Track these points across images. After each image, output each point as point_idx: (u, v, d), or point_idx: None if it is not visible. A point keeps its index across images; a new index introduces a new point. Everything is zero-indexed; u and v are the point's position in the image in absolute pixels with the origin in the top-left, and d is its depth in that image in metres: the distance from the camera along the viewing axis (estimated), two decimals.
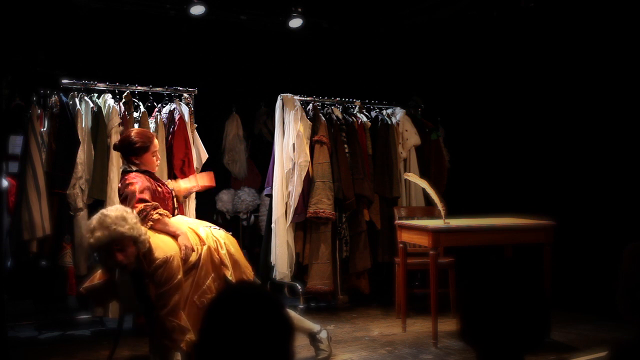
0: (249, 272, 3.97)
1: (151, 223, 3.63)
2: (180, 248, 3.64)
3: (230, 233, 4.14)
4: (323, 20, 6.71)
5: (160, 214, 3.68)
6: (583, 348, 4.43)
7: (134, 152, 3.90)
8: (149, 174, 3.93)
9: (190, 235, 3.78)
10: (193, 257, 3.68)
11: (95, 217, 3.38)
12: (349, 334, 5.00)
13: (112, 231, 3.29)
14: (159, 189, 3.93)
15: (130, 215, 3.40)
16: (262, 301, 1.48)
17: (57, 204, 4.93)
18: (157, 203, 3.74)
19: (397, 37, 6.92)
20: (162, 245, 3.53)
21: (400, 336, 4.90)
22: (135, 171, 3.88)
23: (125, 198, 3.75)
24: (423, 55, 6.89)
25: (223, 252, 3.83)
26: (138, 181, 3.77)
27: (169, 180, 4.48)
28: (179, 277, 3.52)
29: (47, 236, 4.85)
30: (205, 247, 3.76)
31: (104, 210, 3.40)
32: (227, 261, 3.83)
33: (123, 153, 3.99)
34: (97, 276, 3.74)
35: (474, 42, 6.51)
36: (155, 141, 4.03)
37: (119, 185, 3.97)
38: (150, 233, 3.53)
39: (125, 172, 3.92)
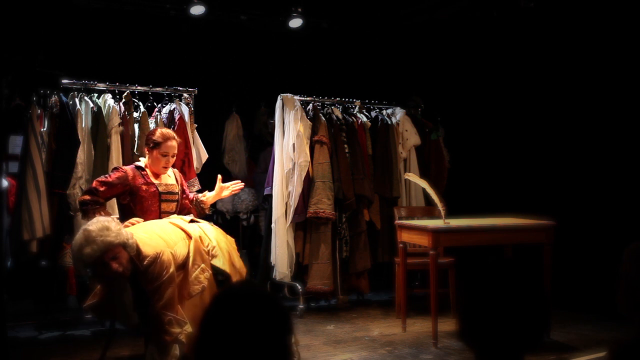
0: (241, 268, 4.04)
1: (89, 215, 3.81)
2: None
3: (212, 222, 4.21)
4: (323, 20, 6.72)
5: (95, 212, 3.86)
6: (583, 348, 4.43)
7: (147, 144, 4.15)
8: (140, 170, 4.06)
9: (176, 232, 3.79)
10: (183, 252, 3.69)
11: (79, 235, 3.38)
12: (349, 334, 5.00)
13: (99, 243, 3.30)
14: (144, 187, 4.00)
15: (112, 223, 3.42)
16: (260, 299, 1.48)
17: (57, 204, 4.94)
18: (97, 206, 3.89)
19: (397, 37, 6.93)
20: (148, 242, 3.54)
21: (400, 336, 4.90)
22: (133, 166, 4.09)
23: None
24: (423, 55, 6.89)
25: (213, 244, 3.88)
26: (115, 175, 3.96)
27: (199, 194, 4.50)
28: (171, 270, 3.53)
29: (47, 236, 4.85)
30: (192, 241, 3.78)
31: (85, 226, 3.41)
32: (218, 251, 3.87)
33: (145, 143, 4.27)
34: (98, 292, 3.75)
35: (474, 42, 6.51)
36: (170, 143, 4.12)
37: None
38: (132, 231, 3.54)
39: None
